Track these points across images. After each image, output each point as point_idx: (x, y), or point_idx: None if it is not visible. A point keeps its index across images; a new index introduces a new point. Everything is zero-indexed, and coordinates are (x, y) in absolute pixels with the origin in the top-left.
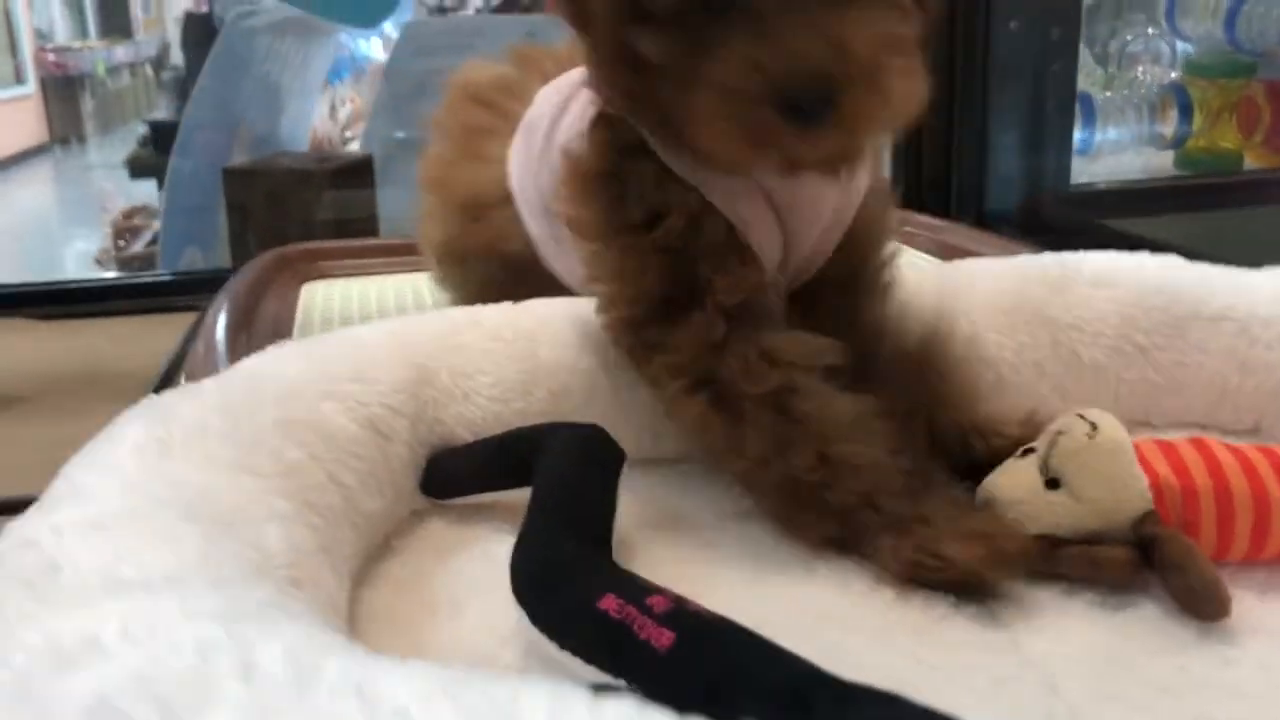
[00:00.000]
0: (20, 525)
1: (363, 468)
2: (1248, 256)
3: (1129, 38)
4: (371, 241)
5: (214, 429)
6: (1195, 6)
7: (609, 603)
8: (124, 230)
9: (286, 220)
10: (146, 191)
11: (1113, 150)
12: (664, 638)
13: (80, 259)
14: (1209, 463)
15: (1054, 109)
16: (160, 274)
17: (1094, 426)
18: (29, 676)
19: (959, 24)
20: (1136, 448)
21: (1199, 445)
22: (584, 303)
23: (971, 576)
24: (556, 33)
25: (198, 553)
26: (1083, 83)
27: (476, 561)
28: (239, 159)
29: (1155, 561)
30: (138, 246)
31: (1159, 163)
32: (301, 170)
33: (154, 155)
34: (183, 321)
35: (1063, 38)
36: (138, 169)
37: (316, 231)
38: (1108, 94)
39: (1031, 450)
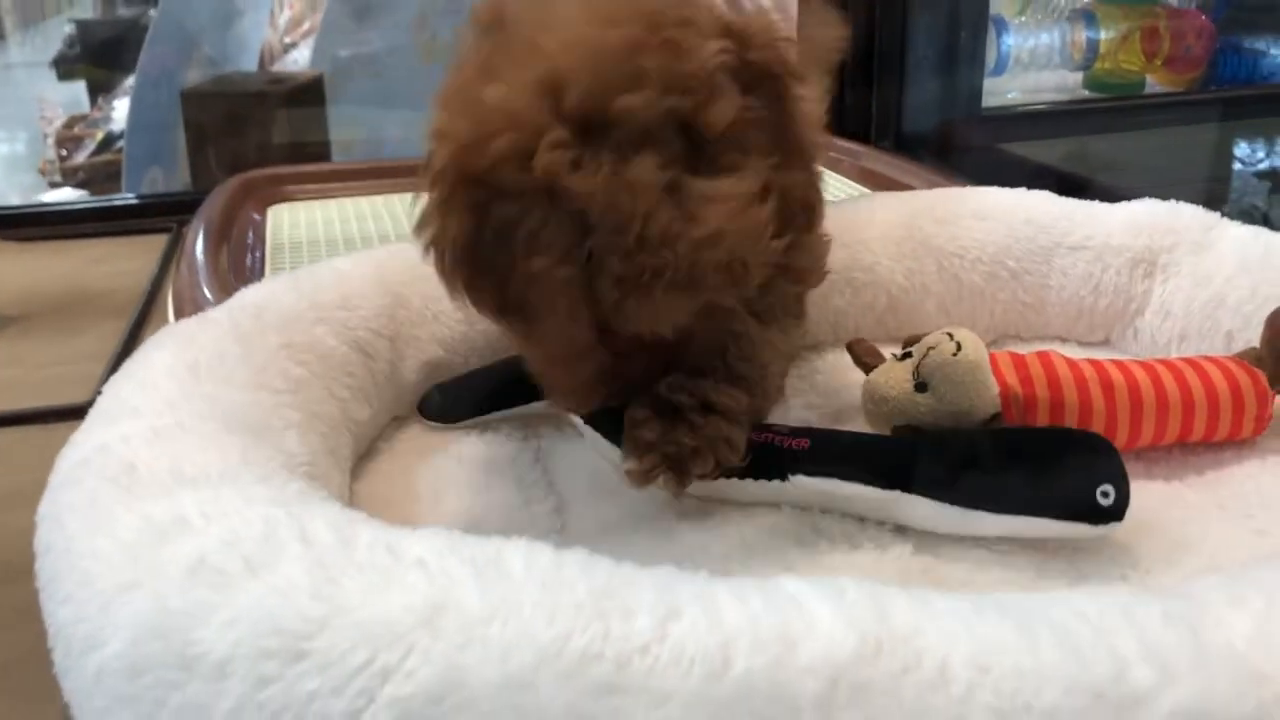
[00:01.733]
0: (88, 434)
1: (353, 383)
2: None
3: None
4: (331, 166)
5: (231, 354)
6: None
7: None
8: (66, 140)
9: (243, 141)
10: (75, 96)
11: (1025, 71)
12: (802, 443)
13: (10, 165)
14: (1049, 375)
15: (967, 35)
16: (127, 196)
17: (959, 345)
18: (136, 545)
19: None
20: (992, 359)
21: (1044, 360)
22: None
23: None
24: None
25: (241, 456)
26: (998, 4)
27: (450, 460)
28: (195, 78)
29: None
30: (80, 157)
31: (1070, 82)
32: (256, 92)
33: (81, 58)
34: (154, 242)
35: None
36: (65, 71)
37: (272, 151)
38: (1023, 18)
39: (909, 355)
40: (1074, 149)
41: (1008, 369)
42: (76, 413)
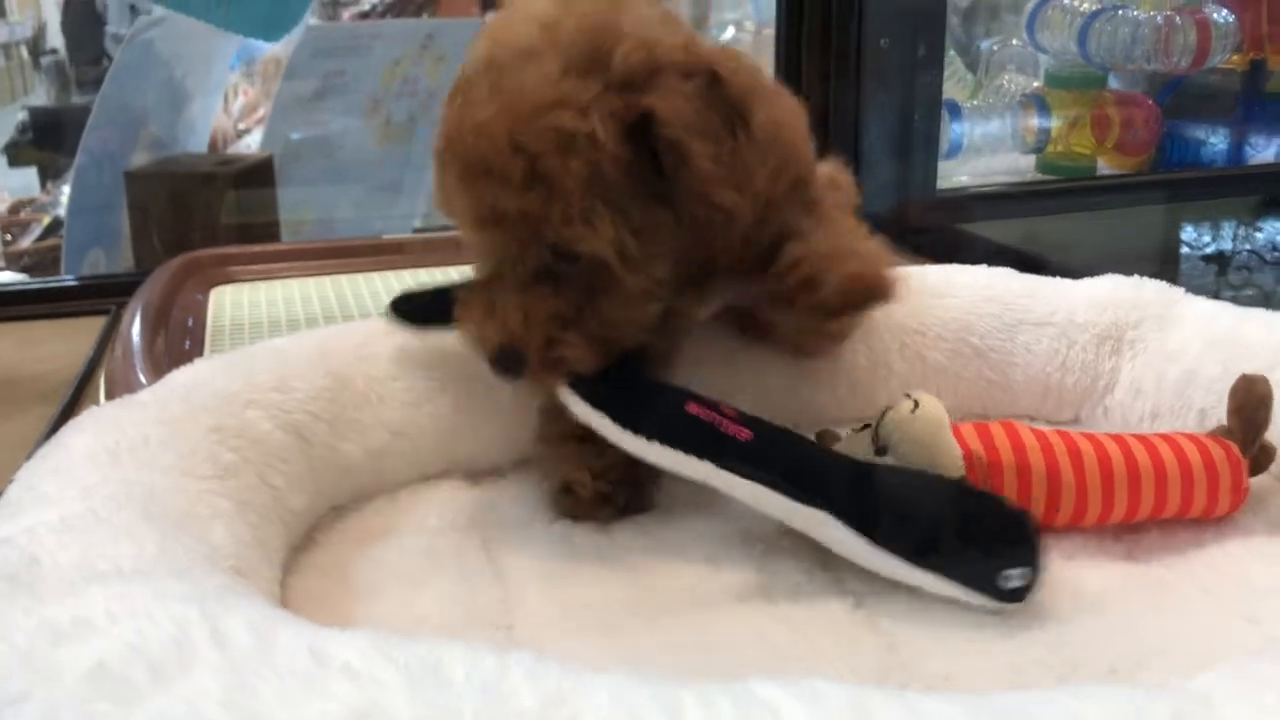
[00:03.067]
0: None
1: (288, 470)
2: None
3: (995, 47)
4: (278, 246)
5: (155, 437)
6: (1052, 21)
7: (694, 408)
8: (11, 225)
9: (189, 222)
10: (26, 182)
11: (978, 155)
12: (743, 434)
13: None
14: (1014, 441)
15: (921, 119)
16: (66, 278)
17: (916, 404)
18: (31, 650)
19: (833, 40)
20: (955, 428)
21: (1008, 427)
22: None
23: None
24: (455, 36)
25: (158, 548)
26: (952, 90)
27: (391, 551)
28: (141, 160)
29: None
30: (26, 241)
31: (1023, 165)
32: (204, 173)
33: (34, 144)
34: (91, 325)
35: (929, 54)
36: (16, 158)
37: (219, 233)
38: (975, 102)
39: (867, 426)
40: (1029, 230)
41: (970, 435)
42: None
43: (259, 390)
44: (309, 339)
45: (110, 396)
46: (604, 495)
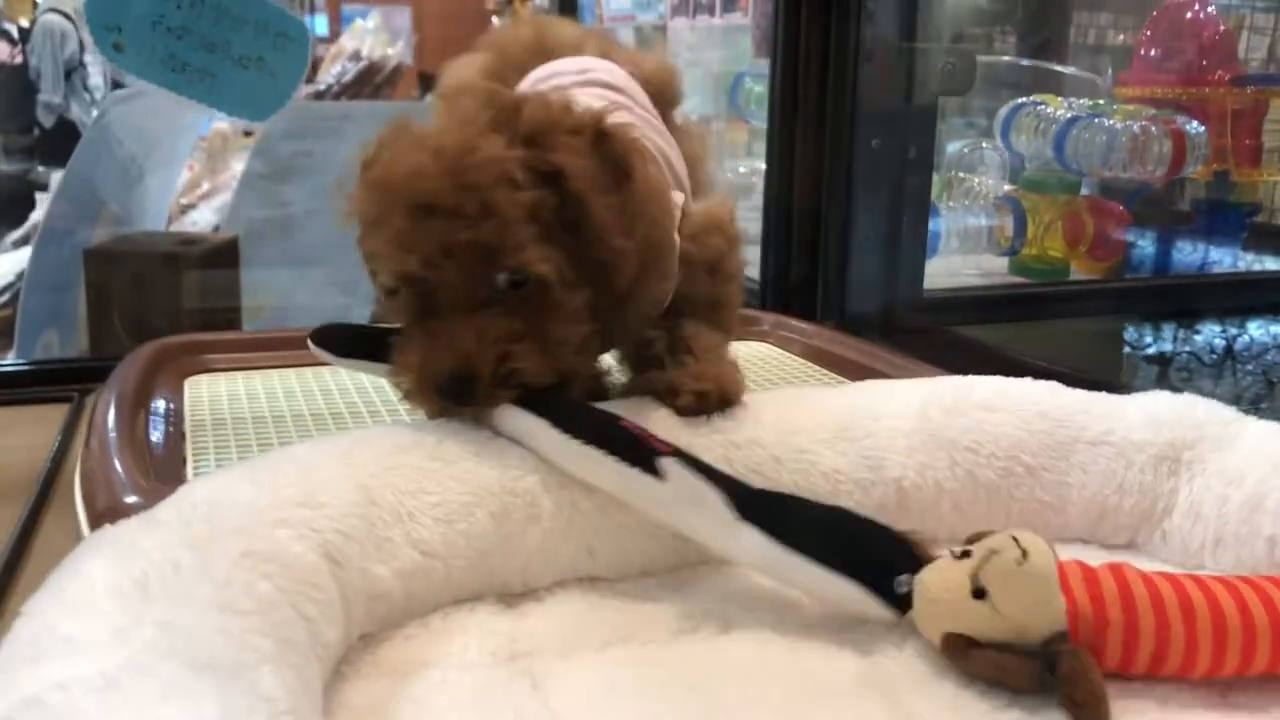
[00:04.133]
0: (9, 679)
1: (321, 598)
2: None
3: (966, 150)
4: (251, 334)
5: (185, 565)
6: (1026, 126)
7: (628, 424)
8: None
9: (150, 305)
10: None
11: (953, 254)
12: (666, 448)
13: None
14: (1123, 594)
15: (910, 221)
16: (19, 362)
17: (1025, 553)
18: None
19: (827, 140)
20: (1060, 570)
21: (1117, 575)
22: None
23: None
24: (426, 116)
25: (218, 708)
26: None
27: (433, 690)
28: (100, 237)
29: (1056, 675)
30: None
31: (996, 266)
32: (166, 253)
33: None
34: (49, 414)
35: (919, 157)
36: None
37: (181, 315)
38: (950, 203)
39: (967, 555)
40: (1015, 333)
41: (1077, 583)
42: None
43: (286, 506)
44: (331, 447)
45: (87, 497)
46: None
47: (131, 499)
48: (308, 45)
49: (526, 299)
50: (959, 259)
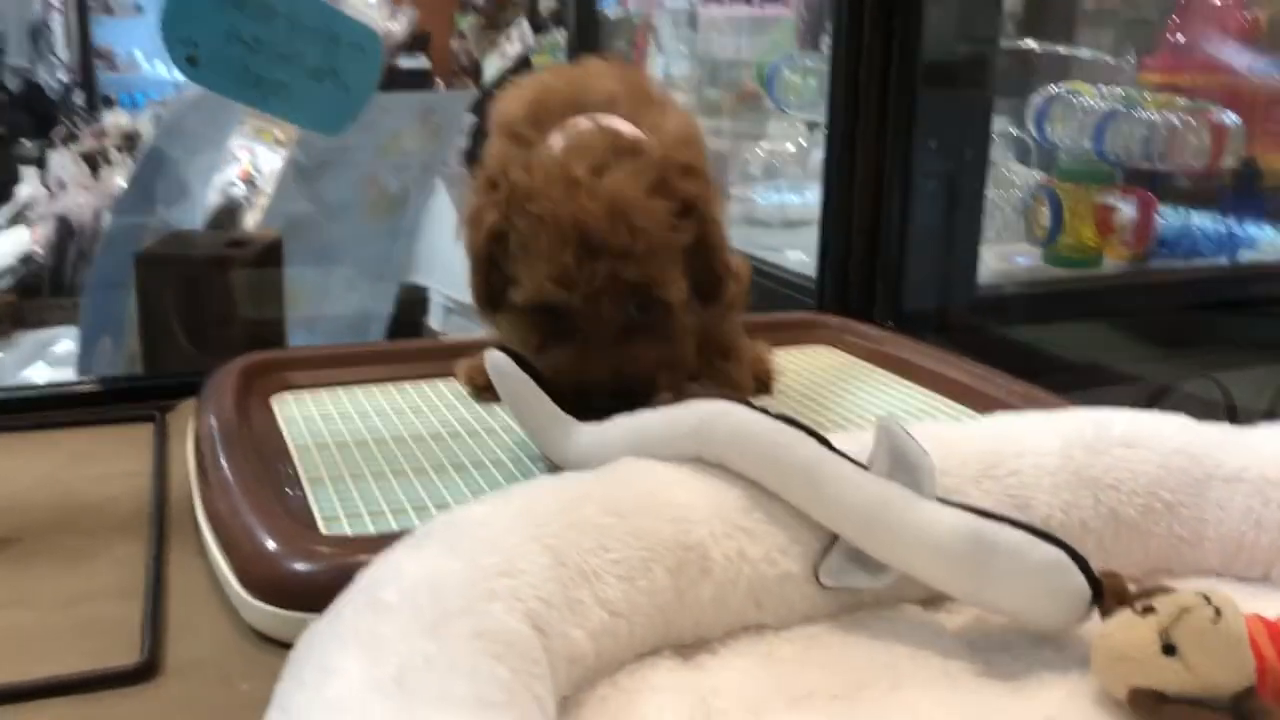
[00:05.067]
0: None
1: (541, 673)
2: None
3: (994, 137)
4: (331, 349)
5: (434, 657)
6: (1061, 116)
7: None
8: None
9: (201, 308)
10: None
11: (989, 245)
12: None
13: None
14: None
15: (964, 221)
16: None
17: (1218, 613)
18: None
19: (888, 140)
20: (1248, 628)
21: None
22: (681, 467)
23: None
24: (451, 109)
25: None
26: None
27: None
28: (148, 242)
29: None
30: None
31: (1034, 258)
32: (217, 256)
33: None
34: (133, 435)
35: (974, 158)
36: None
37: (233, 319)
38: (988, 193)
39: (1151, 610)
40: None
41: (1263, 639)
42: (117, 679)
43: (491, 577)
44: (508, 504)
45: (220, 535)
46: None
47: (273, 546)
48: (380, 56)
49: (654, 323)
50: (997, 249)
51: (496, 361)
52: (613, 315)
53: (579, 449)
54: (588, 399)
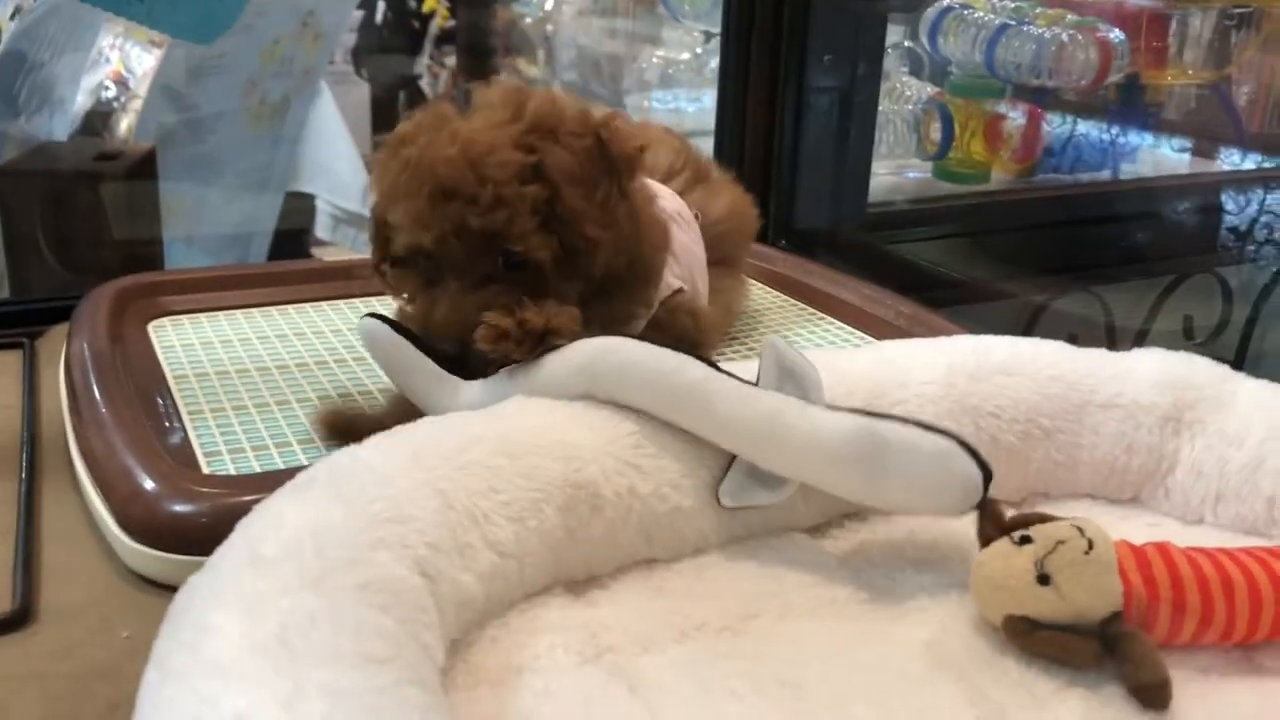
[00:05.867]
0: None
1: (428, 620)
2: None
3: (888, 50)
4: (210, 272)
5: (317, 614)
6: (955, 30)
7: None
8: None
9: (74, 229)
10: None
11: (883, 159)
12: None
13: None
14: (1172, 575)
15: (857, 138)
16: None
17: (1091, 544)
18: None
19: (783, 56)
20: (1117, 556)
21: (1165, 557)
22: (572, 405)
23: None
24: (334, 13)
25: None
26: None
27: (540, 699)
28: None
29: (1117, 654)
30: None
31: (924, 172)
32: (87, 171)
33: None
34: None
35: (868, 72)
36: None
37: (106, 238)
38: (882, 107)
39: (1028, 541)
40: (951, 246)
41: (1130, 566)
42: None
43: (378, 525)
44: (398, 451)
45: (95, 474)
46: None
47: (151, 486)
48: None
49: (523, 280)
50: (888, 163)
51: (369, 328)
52: (468, 263)
53: (467, 405)
54: (467, 356)
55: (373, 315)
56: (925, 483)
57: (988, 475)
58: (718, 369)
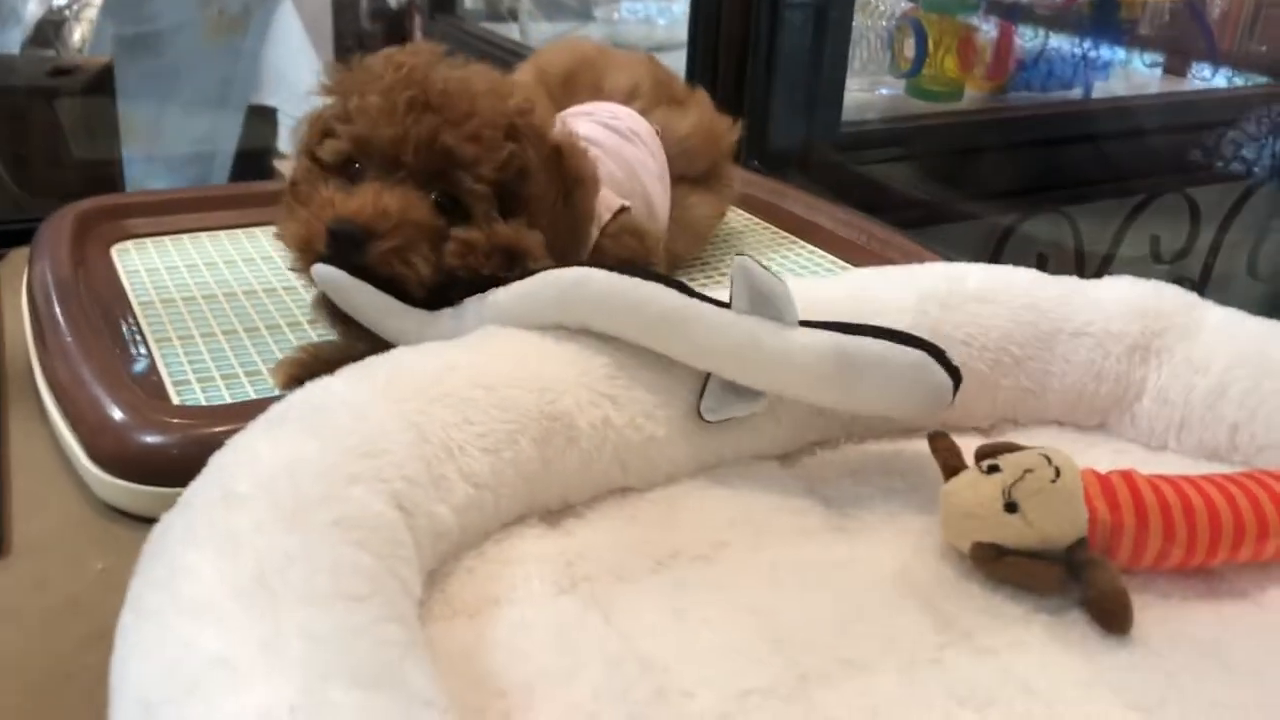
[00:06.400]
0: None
1: (405, 554)
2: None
3: None
4: (173, 194)
5: (295, 555)
6: None
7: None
8: None
9: (26, 144)
10: None
11: (856, 75)
12: None
13: None
14: (1136, 502)
15: (830, 56)
16: None
17: (1058, 472)
18: None
19: None
20: (1083, 484)
21: (1130, 483)
22: (546, 336)
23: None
24: None
25: None
26: None
27: (515, 632)
28: None
29: (1081, 580)
30: None
31: (897, 89)
32: (43, 86)
33: None
34: None
35: None
36: None
37: (64, 157)
38: (854, 22)
39: (996, 470)
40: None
41: (1095, 493)
42: None
43: (352, 459)
44: (369, 382)
45: (63, 405)
46: None
47: (121, 417)
48: None
49: (452, 215)
50: (861, 79)
51: (326, 274)
52: (408, 175)
53: (439, 336)
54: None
55: (324, 262)
56: (898, 392)
57: (957, 380)
58: (691, 293)
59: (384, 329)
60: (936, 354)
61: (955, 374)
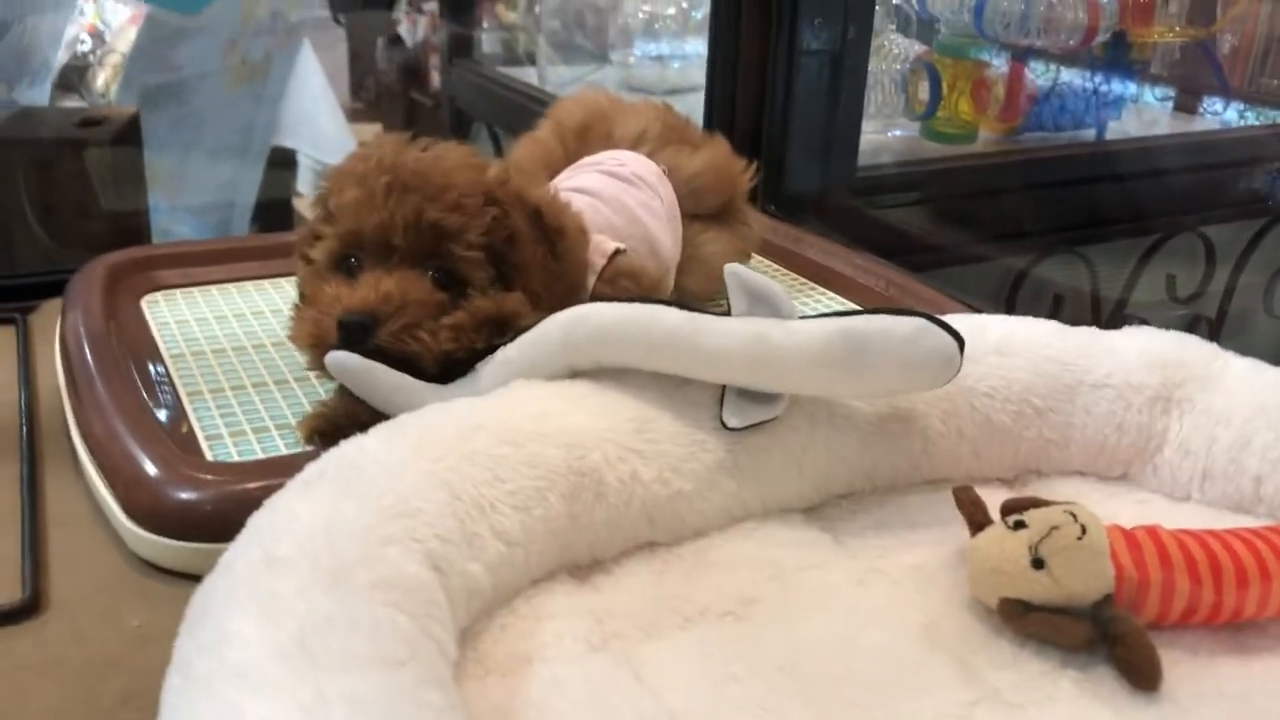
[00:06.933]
0: None
1: (440, 615)
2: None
3: (878, 7)
4: (202, 245)
5: (337, 619)
6: None
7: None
8: None
9: (56, 195)
10: None
11: (871, 119)
12: None
13: None
14: (1162, 557)
15: (846, 103)
16: None
17: (1084, 529)
18: None
19: (772, 19)
20: (1109, 540)
21: (1155, 540)
22: (572, 389)
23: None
24: None
25: None
26: None
27: (548, 690)
28: None
29: (1108, 636)
30: None
31: (912, 132)
32: (71, 138)
33: None
34: None
35: (858, 36)
36: None
37: (93, 206)
38: (870, 66)
39: (1022, 525)
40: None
41: (1122, 549)
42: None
43: (388, 520)
44: (401, 440)
45: (99, 460)
46: None
47: (156, 472)
48: None
49: (451, 289)
50: (874, 123)
51: (339, 361)
52: (402, 258)
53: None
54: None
55: (337, 350)
56: (907, 362)
57: (961, 343)
58: (690, 309)
59: (395, 405)
60: (936, 320)
61: (956, 335)
